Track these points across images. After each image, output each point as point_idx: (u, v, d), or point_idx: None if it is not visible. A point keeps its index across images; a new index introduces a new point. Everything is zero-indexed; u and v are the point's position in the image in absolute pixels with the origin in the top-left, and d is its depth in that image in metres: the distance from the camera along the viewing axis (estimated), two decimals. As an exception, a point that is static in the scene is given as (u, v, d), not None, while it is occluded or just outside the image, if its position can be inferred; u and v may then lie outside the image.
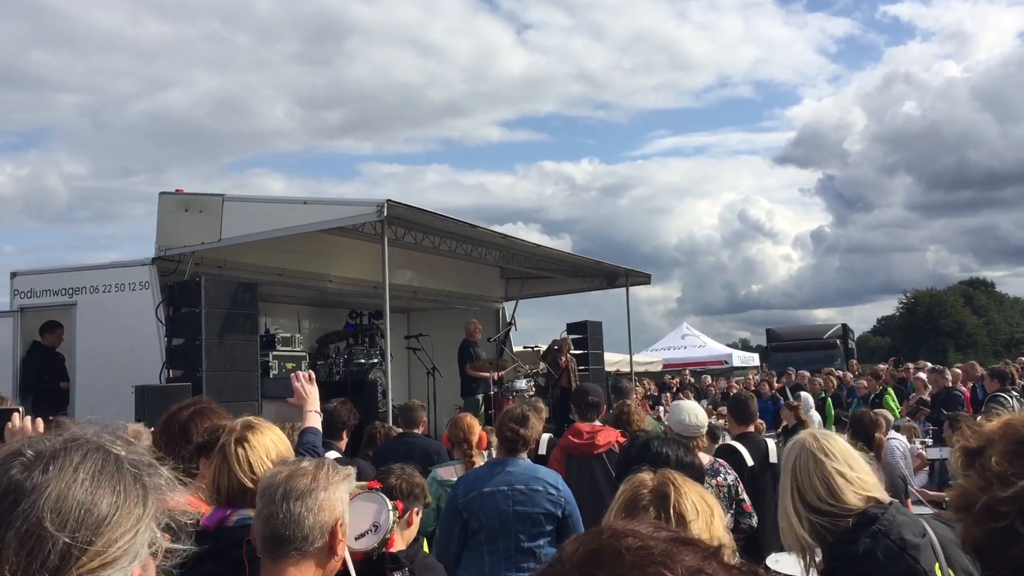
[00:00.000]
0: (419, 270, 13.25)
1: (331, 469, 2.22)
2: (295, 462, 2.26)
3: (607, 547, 0.86)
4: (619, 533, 0.88)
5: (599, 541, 0.87)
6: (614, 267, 14.69)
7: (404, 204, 9.04)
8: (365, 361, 12.96)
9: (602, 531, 0.89)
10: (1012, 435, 1.56)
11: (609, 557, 0.85)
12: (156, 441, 3.19)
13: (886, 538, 2.33)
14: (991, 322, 68.18)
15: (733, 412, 6.38)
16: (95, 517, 1.06)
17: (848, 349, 27.41)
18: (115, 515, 1.08)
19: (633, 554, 0.84)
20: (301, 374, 3.72)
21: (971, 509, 1.52)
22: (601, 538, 0.87)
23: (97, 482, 1.09)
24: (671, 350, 27.53)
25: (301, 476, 2.15)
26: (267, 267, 10.80)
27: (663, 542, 0.86)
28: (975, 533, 1.50)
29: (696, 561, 0.83)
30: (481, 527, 4.34)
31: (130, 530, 1.09)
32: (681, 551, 0.84)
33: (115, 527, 1.07)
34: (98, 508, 1.07)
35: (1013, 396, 9.73)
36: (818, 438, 2.60)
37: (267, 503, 2.13)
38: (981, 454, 1.57)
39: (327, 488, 2.15)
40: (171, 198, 9.64)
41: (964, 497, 1.55)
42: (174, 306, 8.81)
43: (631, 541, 0.85)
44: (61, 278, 9.85)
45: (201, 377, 8.31)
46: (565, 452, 5.66)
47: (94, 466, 1.10)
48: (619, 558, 0.84)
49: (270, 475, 2.21)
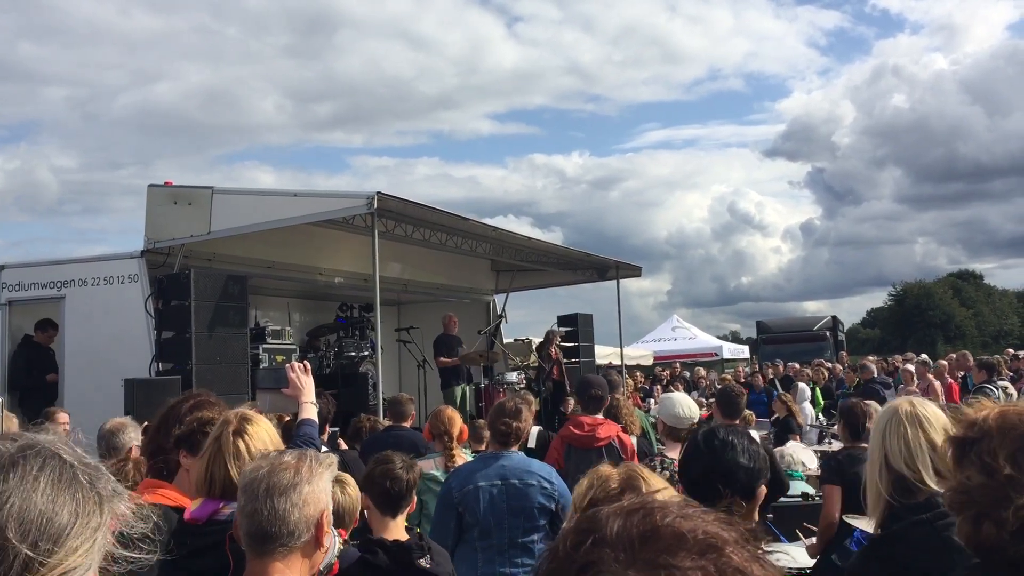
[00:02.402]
0: (409, 263, 13.23)
1: (313, 460, 2.19)
2: (277, 455, 2.21)
3: (667, 528, 0.78)
4: (671, 511, 0.80)
5: (653, 520, 0.79)
6: (604, 259, 14.70)
7: (394, 196, 9.02)
8: (356, 354, 12.95)
9: (651, 508, 0.81)
10: (1011, 431, 1.52)
11: (671, 540, 0.77)
12: (150, 434, 3.16)
13: (936, 534, 2.31)
14: (980, 314, 68.51)
15: (720, 405, 6.39)
16: (57, 526, 1.04)
17: (838, 341, 27.50)
18: (75, 524, 1.05)
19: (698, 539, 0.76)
20: (296, 365, 3.71)
21: (977, 508, 1.48)
22: (655, 517, 0.79)
23: (57, 490, 1.06)
24: (661, 342, 27.60)
25: (284, 470, 2.11)
26: (257, 260, 10.75)
27: (718, 524, 0.79)
28: (990, 533, 1.45)
29: (750, 547, 0.78)
30: (475, 521, 4.33)
31: (89, 539, 1.06)
32: (737, 534, 0.79)
33: (75, 536, 1.05)
34: (59, 517, 1.04)
35: (999, 387, 9.81)
36: (914, 404, 2.60)
37: (250, 499, 2.09)
38: (975, 446, 1.54)
39: (311, 481, 2.12)
40: (160, 190, 9.59)
41: (965, 495, 1.51)
42: (163, 299, 8.77)
43: (691, 524, 0.78)
44: (49, 271, 9.77)
45: (191, 370, 8.28)
46: (565, 443, 5.66)
47: (53, 474, 1.07)
48: (682, 541, 0.76)
49: (251, 469, 2.17)
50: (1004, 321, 69.77)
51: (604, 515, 0.81)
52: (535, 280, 16.07)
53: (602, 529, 0.79)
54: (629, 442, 5.63)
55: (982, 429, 1.56)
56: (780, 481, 5.98)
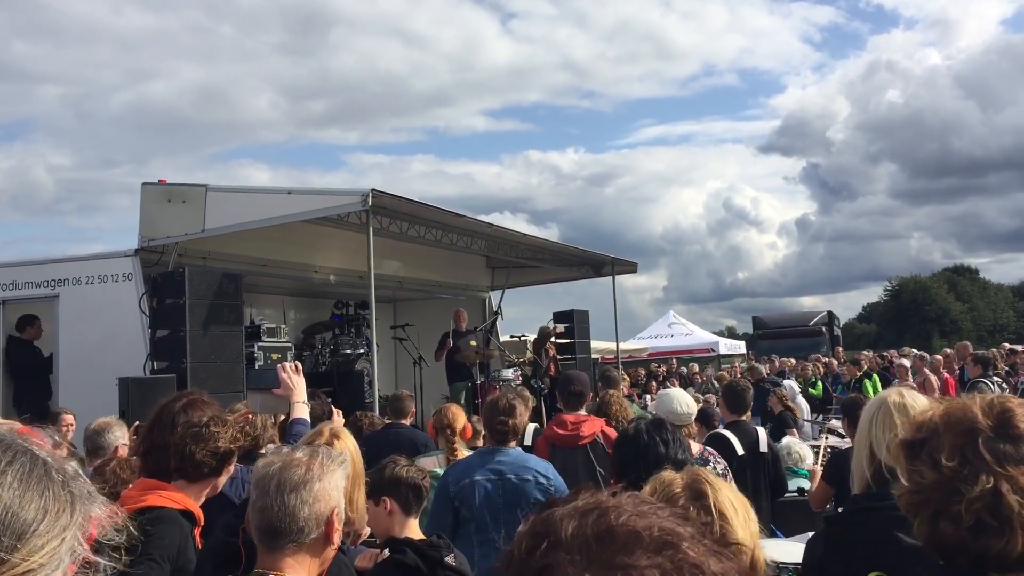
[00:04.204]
0: (405, 260, 13.21)
1: (325, 457, 2.19)
2: (289, 452, 2.21)
3: (622, 528, 0.77)
4: (625, 510, 0.79)
5: (608, 520, 0.78)
6: (600, 256, 14.69)
7: (389, 194, 9.00)
8: (351, 351, 12.93)
9: (605, 508, 0.80)
10: (955, 426, 1.51)
11: (627, 539, 0.75)
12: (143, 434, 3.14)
13: (885, 522, 2.28)
14: (975, 308, 68.64)
15: (727, 400, 6.37)
16: (21, 522, 1.01)
17: (834, 336, 27.56)
18: (42, 521, 1.02)
19: (654, 536, 0.75)
20: (288, 365, 3.71)
21: (933, 507, 1.46)
22: (609, 517, 0.78)
23: (26, 485, 1.03)
24: (658, 338, 27.57)
25: (295, 467, 2.12)
26: (252, 258, 10.73)
27: (673, 520, 0.78)
28: (947, 531, 1.44)
29: (707, 542, 0.77)
30: (471, 516, 4.34)
31: (56, 537, 1.03)
32: (693, 529, 0.78)
33: (41, 534, 1.02)
34: (25, 513, 1.01)
35: (995, 382, 9.83)
36: (903, 395, 2.61)
37: (261, 494, 2.10)
38: (924, 446, 1.52)
39: (322, 478, 2.12)
40: (154, 189, 9.56)
41: (919, 494, 1.49)
42: (158, 297, 8.73)
43: (646, 522, 0.77)
44: (43, 270, 9.74)
45: (186, 368, 8.25)
46: (549, 443, 5.65)
47: (22, 469, 1.04)
48: (638, 540, 0.75)
49: (264, 465, 2.18)
50: (999, 315, 69.93)
51: (558, 517, 0.80)
52: (531, 277, 16.06)
53: (557, 532, 0.78)
54: (614, 435, 5.60)
55: (929, 428, 1.55)
56: (780, 480, 5.98)
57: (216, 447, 2.88)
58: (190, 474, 2.88)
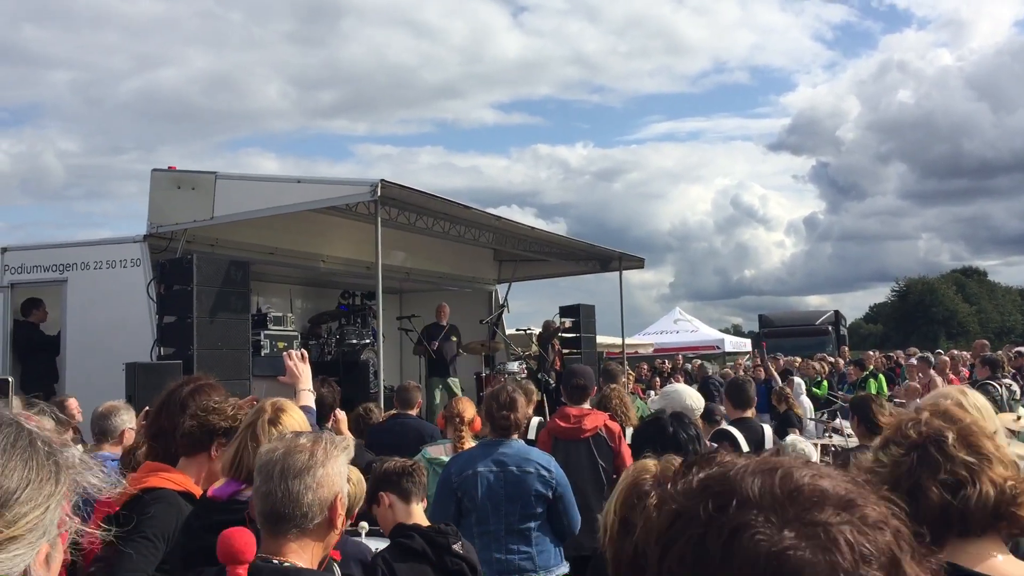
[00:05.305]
0: (412, 251, 13.20)
1: (329, 443, 2.19)
2: (293, 437, 2.21)
3: (809, 486, 0.76)
4: (806, 468, 0.78)
5: (793, 478, 0.77)
6: (607, 251, 14.66)
7: (398, 184, 8.99)
8: (357, 342, 12.94)
9: (785, 466, 0.79)
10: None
11: (817, 497, 0.75)
12: (151, 418, 3.16)
13: None
14: (983, 310, 68.43)
15: (730, 396, 6.34)
16: (3, 490, 1.03)
17: (840, 336, 27.51)
18: (25, 489, 1.04)
19: (840, 495, 0.75)
20: (293, 352, 3.73)
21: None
22: (794, 475, 0.77)
23: (8, 455, 1.05)
24: (663, 334, 27.54)
25: (299, 452, 2.12)
26: (260, 246, 10.74)
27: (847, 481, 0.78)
28: None
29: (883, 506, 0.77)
30: (473, 507, 4.35)
31: (39, 506, 1.05)
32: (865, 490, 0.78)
33: (24, 502, 1.04)
34: (7, 481, 1.03)
35: (1003, 384, 9.78)
36: (965, 394, 2.61)
37: (265, 480, 2.11)
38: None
39: (325, 464, 2.13)
40: (163, 175, 9.57)
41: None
42: (165, 284, 8.76)
43: (828, 482, 0.77)
44: (52, 254, 9.76)
45: (192, 355, 8.28)
46: (552, 435, 5.65)
47: (6, 439, 1.06)
48: (826, 498, 0.75)
49: (267, 450, 2.18)
50: (1007, 318, 69.71)
51: (735, 475, 0.79)
52: (537, 270, 16.03)
53: (742, 490, 0.77)
54: (617, 429, 5.61)
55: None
56: None
57: (214, 420, 2.93)
58: (187, 449, 2.93)
